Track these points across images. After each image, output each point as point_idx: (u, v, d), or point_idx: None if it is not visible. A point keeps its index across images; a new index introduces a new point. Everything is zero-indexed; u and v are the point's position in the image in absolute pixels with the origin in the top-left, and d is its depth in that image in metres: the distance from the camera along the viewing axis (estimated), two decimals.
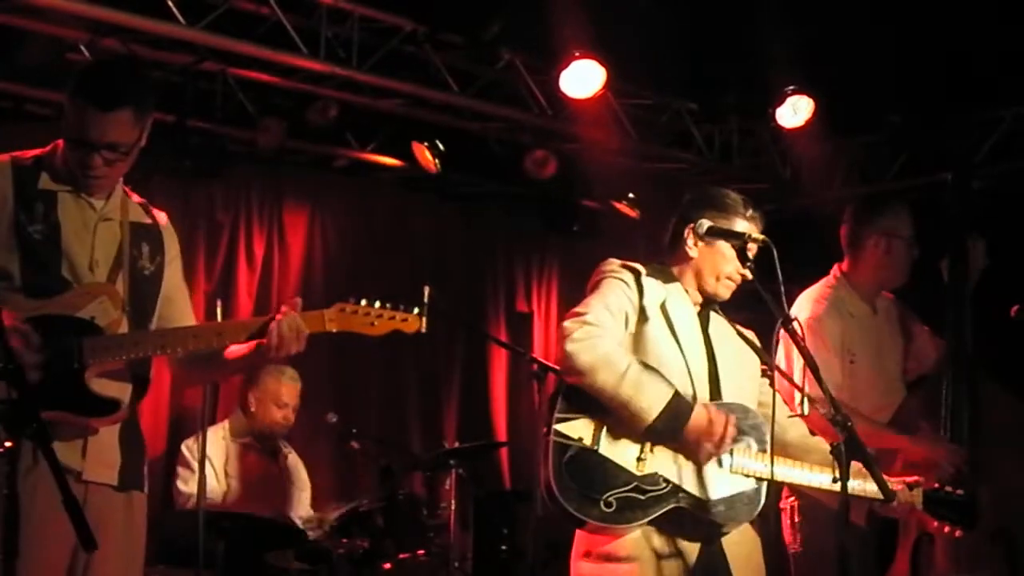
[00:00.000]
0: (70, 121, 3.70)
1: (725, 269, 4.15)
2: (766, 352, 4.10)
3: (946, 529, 4.40)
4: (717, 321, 4.27)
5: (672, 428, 3.92)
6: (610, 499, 3.89)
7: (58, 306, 3.67)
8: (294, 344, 3.79)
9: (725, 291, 4.20)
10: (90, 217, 3.81)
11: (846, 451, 3.71)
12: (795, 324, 3.92)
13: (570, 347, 3.94)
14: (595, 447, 3.94)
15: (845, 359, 5.42)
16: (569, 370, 3.98)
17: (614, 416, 3.95)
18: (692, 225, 4.17)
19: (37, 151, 3.86)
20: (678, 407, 3.92)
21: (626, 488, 3.91)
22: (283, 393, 7.09)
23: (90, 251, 3.77)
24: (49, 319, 3.63)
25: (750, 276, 4.10)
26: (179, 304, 4.04)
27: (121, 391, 3.76)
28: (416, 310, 3.93)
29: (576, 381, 3.96)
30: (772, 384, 4.21)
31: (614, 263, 4.19)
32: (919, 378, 5.62)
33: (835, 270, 5.62)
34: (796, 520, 5.43)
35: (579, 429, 3.96)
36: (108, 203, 3.85)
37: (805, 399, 3.97)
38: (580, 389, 3.96)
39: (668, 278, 4.19)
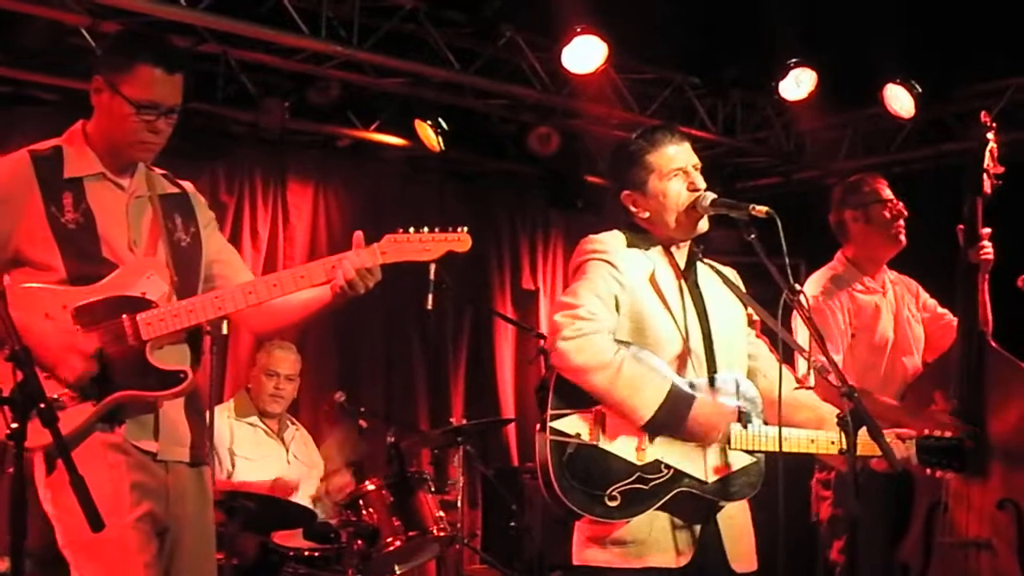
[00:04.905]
0: (135, 88, 3.71)
1: (679, 199, 4.04)
2: (769, 315, 4.04)
3: (939, 473, 4.37)
4: (704, 272, 4.19)
5: (670, 424, 3.85)
6: (614, 493, 3.82)
7: (107, 289, 3.67)
8: (367, 279, 3.78)
9: (694, 216, 4.05)
10: (120, 198, 3.81)
11: (852, 421, 3.69)
12: (801, 296, 3.89)
13: (562, 345, 3.86)
14: (595, 442, 3.86)
15: (847, 336, 5.48)
16: (562, 369, 3.90)
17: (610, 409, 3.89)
18: (626, 191, 4.11)
19: (53, 141, 3.84)
20: (675, 404, 3.85)
21: (629, 480, 3.85)
22: (272, 362, 7.07)
23: (127, 231, 3.77)
24: (100, 304, 3.65)
25: (705, 189, 4.04)
26: (232, 263, 4.05)
27: (182, 361, 3.78)
28: (464, 228, 3.88)
29: (569, 378, 3.89)
30: (779, 357, 4.11)
31: (595, 241, 4.07)
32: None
33: (838, 254, 5.72)
34: (826, 491, 5.52)
35: (575, 424, 3.87)
36: (133, 180, 3.86)
37: (812, 370, 3.97)
38: (571, 381, 3.90)
39: (649, 242, 4.09)
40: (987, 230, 5.36)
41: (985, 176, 5.36)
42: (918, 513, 5.32)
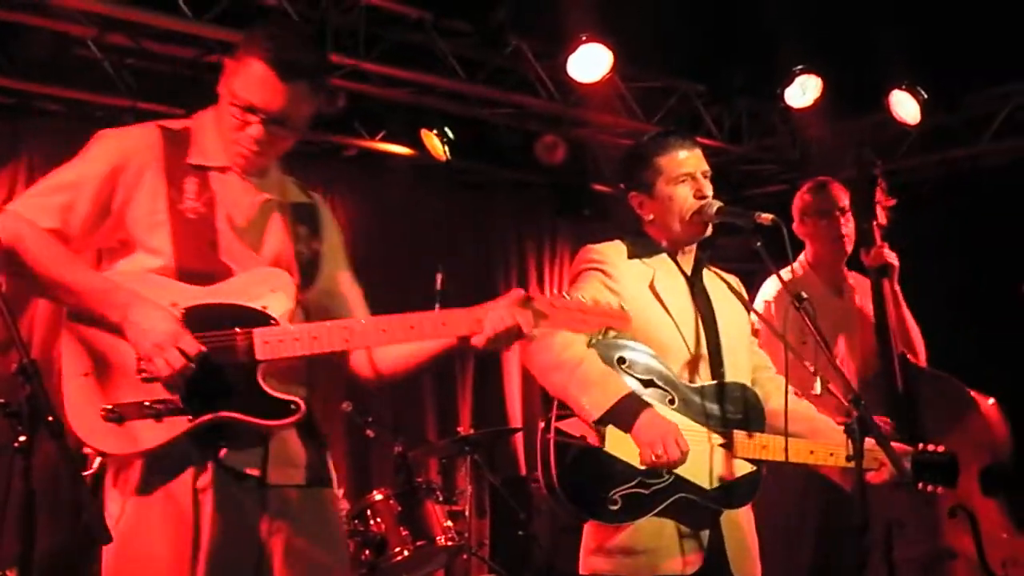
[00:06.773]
0: (241, 83, 3.30)
1: (684, 206, 4.05)
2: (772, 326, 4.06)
3: (930, 488, 4.38)
4: (711, 279, 4.21)
5: (620, 427, 3.82)
6: (615, 497, 3.82)
7: (226, 294, 3.28)
8: (512, 339, 3.40)
9: (699, 223, 4.07)
10: (247, 197, 3.41)
11: (859, 429, 3.69)
12: (806, 304, 3.89)
13: (528, 348, 3.91)
14: (598, 445, 3.84)
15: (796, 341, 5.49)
16: (531, 370, 3.96)
17: None
18: (634, 193, 4.14)
19: (184, 121, 3.46)
20: (621, 411, 3.78)
21: (630, 484, 3.84)
22: None
23: (250, 234, 3.38)
24: (215, 308, 3.25)
25: (711, 197, 4.06)
26: (341, 299, 3.62)
27: (297, 390, 3.39)
28: (623, 307, 3.60)
29: (538, 381, 3.94)
30: (785, 366, 4.10)
31: (593, 251, 4.10)
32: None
33: (799, 257, 5.71)
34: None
35: (581, 426, 3.87)
36: (265, 181, 3.48)
37: (819, 379, 3.96)
38: None
39: (652, 250, 4.11)
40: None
41: (879, 208, 5.42)
42: (876, 536, 5.29)
